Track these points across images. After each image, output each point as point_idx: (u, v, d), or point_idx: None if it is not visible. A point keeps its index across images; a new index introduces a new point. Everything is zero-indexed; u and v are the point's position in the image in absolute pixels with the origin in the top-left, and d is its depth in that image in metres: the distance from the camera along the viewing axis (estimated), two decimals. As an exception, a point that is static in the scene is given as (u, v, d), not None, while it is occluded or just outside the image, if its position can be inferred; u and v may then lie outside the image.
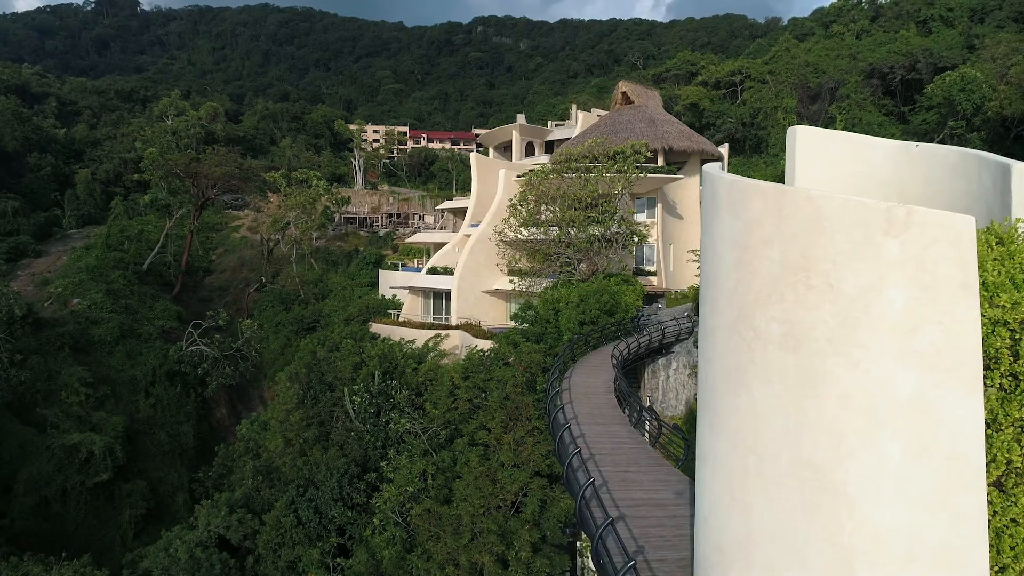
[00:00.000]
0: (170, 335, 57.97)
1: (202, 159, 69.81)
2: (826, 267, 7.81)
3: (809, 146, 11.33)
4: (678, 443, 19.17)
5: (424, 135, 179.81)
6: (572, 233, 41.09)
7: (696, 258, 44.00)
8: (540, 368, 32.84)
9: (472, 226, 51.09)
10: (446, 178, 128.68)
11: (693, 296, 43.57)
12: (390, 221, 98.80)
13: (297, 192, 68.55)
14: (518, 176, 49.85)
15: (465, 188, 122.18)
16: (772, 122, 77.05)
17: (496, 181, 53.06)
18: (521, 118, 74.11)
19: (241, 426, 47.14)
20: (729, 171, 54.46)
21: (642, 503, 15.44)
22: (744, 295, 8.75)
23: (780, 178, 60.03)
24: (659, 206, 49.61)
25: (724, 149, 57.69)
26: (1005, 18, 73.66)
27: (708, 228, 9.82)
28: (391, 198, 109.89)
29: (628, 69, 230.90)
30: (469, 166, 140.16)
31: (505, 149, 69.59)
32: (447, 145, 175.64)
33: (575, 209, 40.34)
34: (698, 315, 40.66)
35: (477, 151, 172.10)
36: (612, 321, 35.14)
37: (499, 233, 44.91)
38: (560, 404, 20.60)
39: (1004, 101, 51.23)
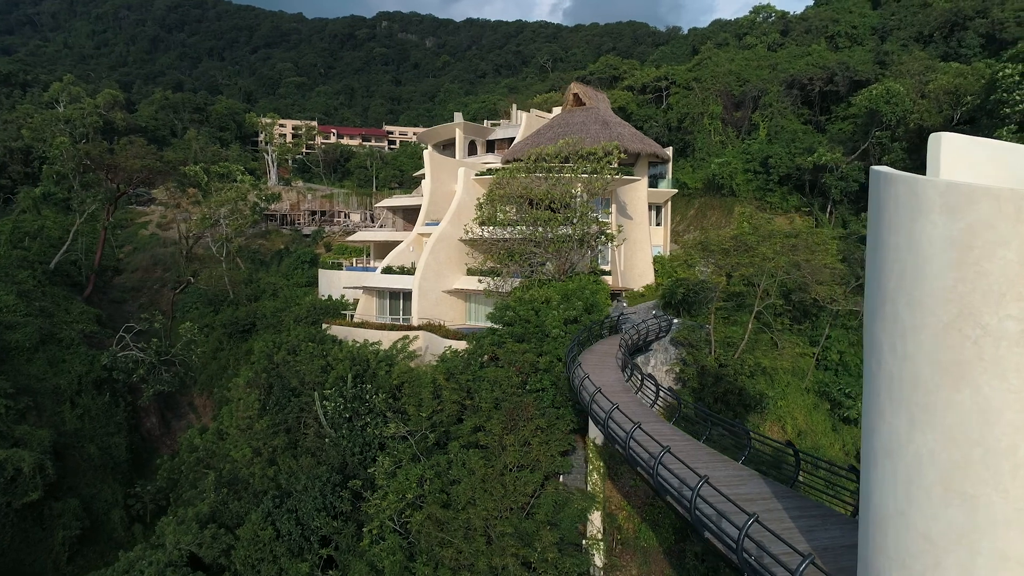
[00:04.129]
0: (92, 340, 53.45)
1: (118, 150, 64.64)
2: (1075, 266, 8.18)
3: (952, 152, 11.85)
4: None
5: (334, 130, 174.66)
6: (541, 232, 41.10)
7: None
8: (532, 368, 32.73)
9: (428, 224, 50.17)
10: (364, 175, 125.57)
11: (659, 294, 44.73)
12: (313, 219, 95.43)
13: (227, 187, 64.78)
14: (477, 175, 49.45)
15: (385, 186, 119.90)
16: (699, 127, 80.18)
17: (450, 179, 52.43)
18: (459, 116, 73.53)
19: (189, 435, 44.14)
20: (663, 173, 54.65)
21: (733, 498, 15.66)
22: (967, 294, 9.01)
23: (711, 181, 62.56)
24: (613, 207, 50.52)
25: (669, 151, 59.51)
26: (907, 38, 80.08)
27: (898, 230, 10.07)
28: (309, 195, 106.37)
29: (537, 71, 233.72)
30: (388, 163, 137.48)
31: (445, 147, 68.73)
32: (358, 141, 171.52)
33: (552, 209, 40.43)
34: (670, 313, 41.63)
35: (390, 147, 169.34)
36: (596, 320, 35.47)
37: (467, 232, 44.34)
38: (606, 407, 20.56)
39: (924, 113, 55.91)
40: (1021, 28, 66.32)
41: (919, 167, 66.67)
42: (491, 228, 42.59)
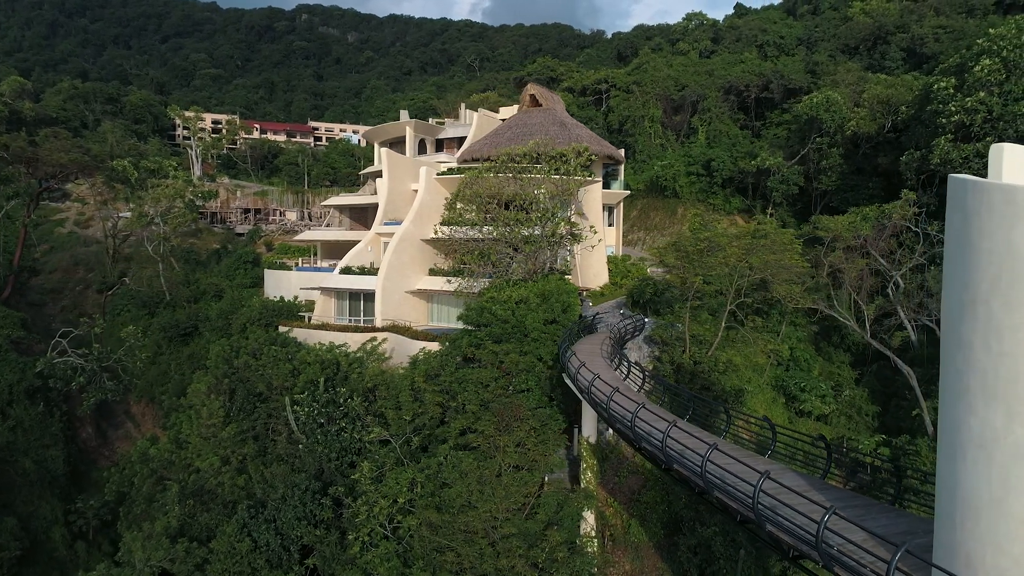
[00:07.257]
0: (20, 346, 49.79)
1: (40, 142, 60.24)
2: None
3: (1014, 161, 12.63)
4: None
5: (257, 126, 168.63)
6: (514, 232, 41.05)
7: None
8: (517, 368, 32.72)
9: (387, 224, 49.26)
10: (294, 172, 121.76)
11: (626, 292, 45.50)
12: (246, 217, 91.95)
13: (163, 184, 61.53)
14: (438, 175, 48.95)
15: (319, 184, 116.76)
16: (639, 130, 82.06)
17: (407, 178, 51.67)
18: (404, 114, 72.60)
19: (140, 445, 41.72)
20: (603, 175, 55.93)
21: (776, 491, 16.17)
22: (1072, 295, 9.69)
23: (654, 182, 63.98)
24: (572, 207, 51.01)
25: (622, 152, 60.60)
26: (834, 49, 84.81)
27: (993, 235, 10.64)
28: (239, 192, 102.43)
29: (464, 69, 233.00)
30: (319, 160, 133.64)
31: (392, 145, 67.60)
32: (284, 137, 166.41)
33: (524, 210, 40.46)
34: (637, 312, 42.38)
35: (316, 143, 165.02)
36: (574, 320, 35.76)
37: (436, 232, 43.81)
38: (631, 407, 20.79)
39: (860, 121, 59.29)
40: (939, 44, 71.47)
41: (856, 171, 69.01)
42: (462, 228, 42.25)
